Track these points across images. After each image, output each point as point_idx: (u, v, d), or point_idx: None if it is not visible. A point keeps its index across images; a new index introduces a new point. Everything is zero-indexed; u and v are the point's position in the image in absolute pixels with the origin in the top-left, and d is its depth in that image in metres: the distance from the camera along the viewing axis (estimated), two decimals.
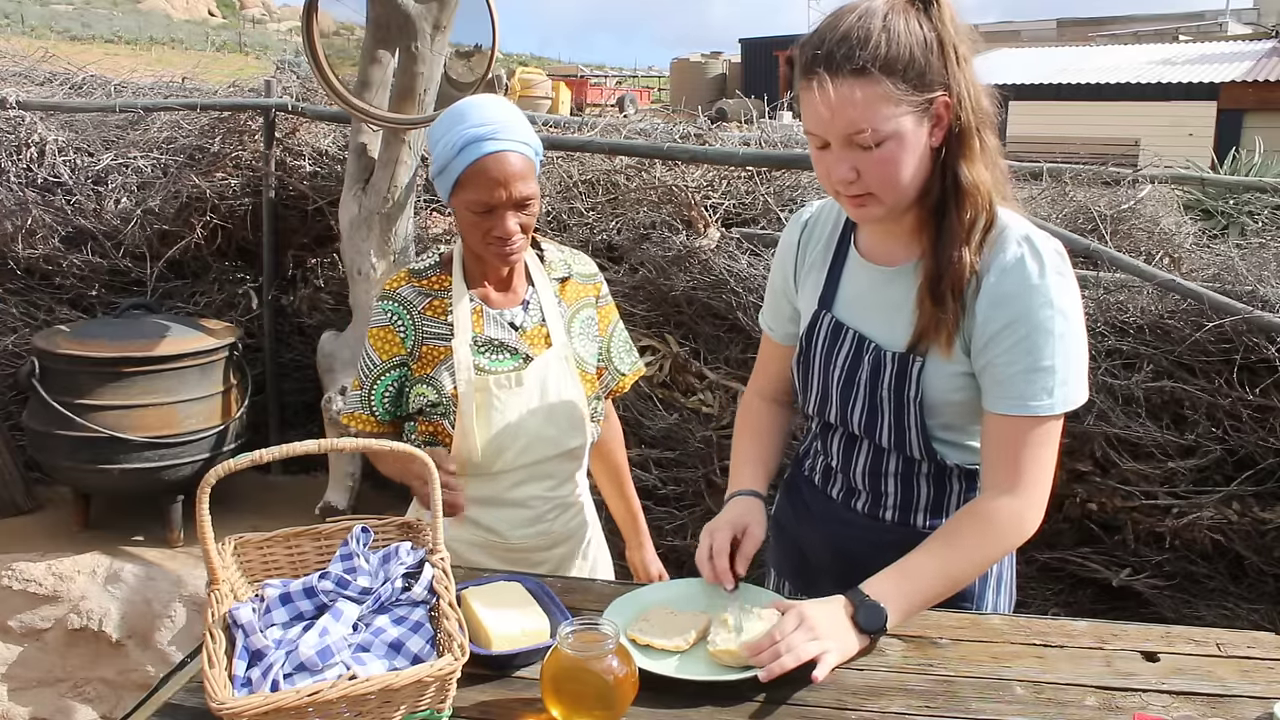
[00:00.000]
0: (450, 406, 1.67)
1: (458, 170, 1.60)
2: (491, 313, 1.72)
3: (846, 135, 1.29)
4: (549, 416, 1.72)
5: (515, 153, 1.61)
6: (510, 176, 1.60)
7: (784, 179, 3.40)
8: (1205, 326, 2.56)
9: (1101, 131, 12.95)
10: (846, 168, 1.31)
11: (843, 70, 1.26)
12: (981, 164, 1.33)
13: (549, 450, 1.73)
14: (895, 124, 1.28)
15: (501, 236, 1.63)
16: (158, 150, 3.87)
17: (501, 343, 1.71)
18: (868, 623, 1.30)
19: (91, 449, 3.19)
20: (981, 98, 1.33)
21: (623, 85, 32.34)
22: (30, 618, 3.14)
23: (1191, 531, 2.64)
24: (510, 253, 1.65)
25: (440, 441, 1.72)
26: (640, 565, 2.01)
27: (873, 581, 1.33)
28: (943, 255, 1.35)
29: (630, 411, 3.15)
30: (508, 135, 1.61)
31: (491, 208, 1.61)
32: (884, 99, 1.26)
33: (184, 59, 18.26)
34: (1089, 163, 3.87)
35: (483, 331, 1.71)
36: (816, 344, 1.51)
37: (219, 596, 1.22)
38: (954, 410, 1.42)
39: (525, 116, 1.70)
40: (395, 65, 3.12)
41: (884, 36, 1.26)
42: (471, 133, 1.59)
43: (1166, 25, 24.38)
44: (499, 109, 1.64)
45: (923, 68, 1.27)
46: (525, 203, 1.63)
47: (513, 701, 1.22)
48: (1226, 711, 1.21)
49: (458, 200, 1.64)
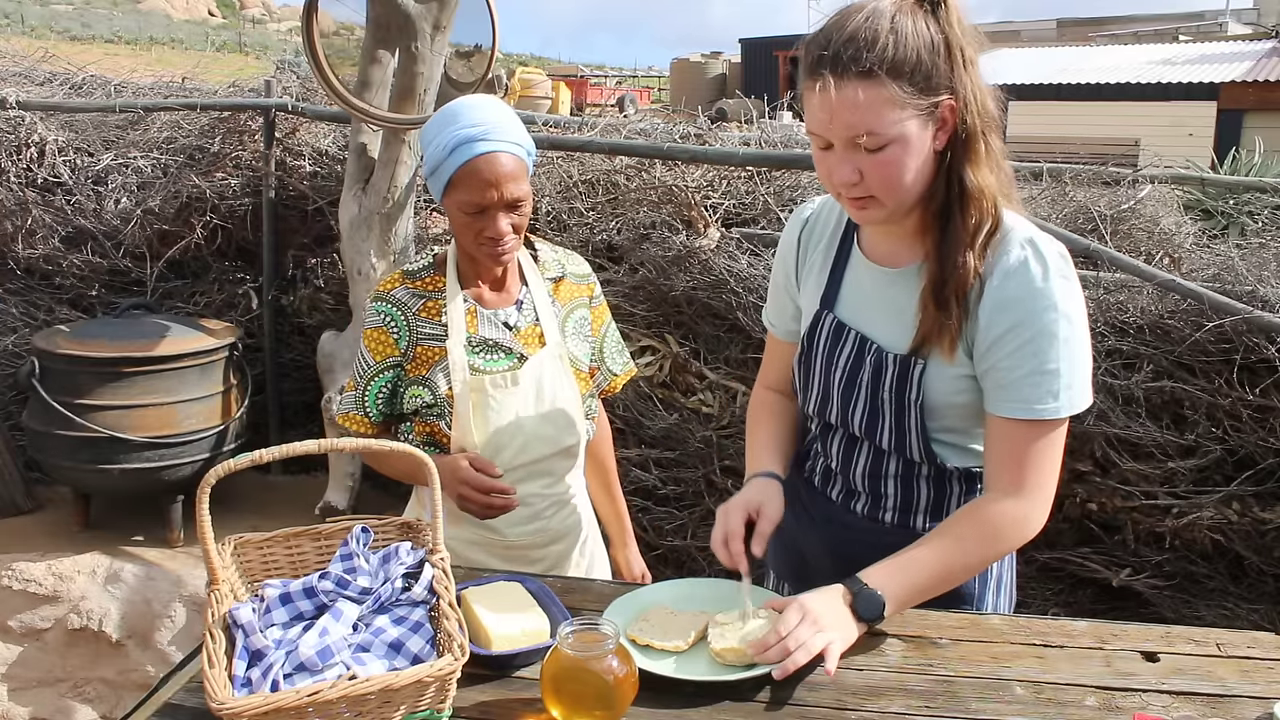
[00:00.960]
0: (446, 407, 1.68)
1: (449, 171, 1.60)
2: (485, 313, 1.73)
3: (849, 137, 1.28)
4: (545, 415, 1.72)
5: (507, 153, 1.61)
6: (502, 177, 1.60)
7: (784, 179, 3.40)
8: (1205, 326, 2.56)
9: (1101, 131, 12.94)
10: (849, 169, 1.30)
11: (848, 72, 1.25)
12: (987, 168, 1.32)
13: (546, 449, 1.74)
14: (899, 127, 1.27)
15: (493, 237, 1.63)
16: (158, 150, 3.87)
17: (496, 342, 1.71)
18: (865, 611, 1.30)
19: (91, 449, 3.19)
20: (987, 100, 1.32)
21: (623, 85, 32.34)
22: (30, 618, 3.14)
23: (1191, 531, 2.64)
24: (502, 253, 1.66)
25: (437, 442, 1.72)
26: (624, 564, 2.02)
27: (870, 571, 1.33)
28: (947, 260, 1.34)
29: (630, 411, 3.15)
30: (499, 136, 1.61)
31: (483, 208, 1.61)
32: (889, 102, 1.25)
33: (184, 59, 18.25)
34: (1089, 163, 3.87)
35: (477, 331, 1.71)
36: (818, 344, 1.51)
37: (219, 596, 1.22)
38: (955, 413, 1.41)
39: (518, 117, 1.70)
40: (395, 65, 3.12)
41: (891, 38, 1.25)
42: (463, 133, 1.59)
43: (1166, 25, 24.37)
44: (491, 109, 1.64)
45: (929, 71, 1.26)
46: (517, 203, 1.63)
47: (513, 701, 1.22)
48: (1226, 711, 1.21)
49: (450, 201, 1.64)
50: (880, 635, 1.35)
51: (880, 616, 1.31)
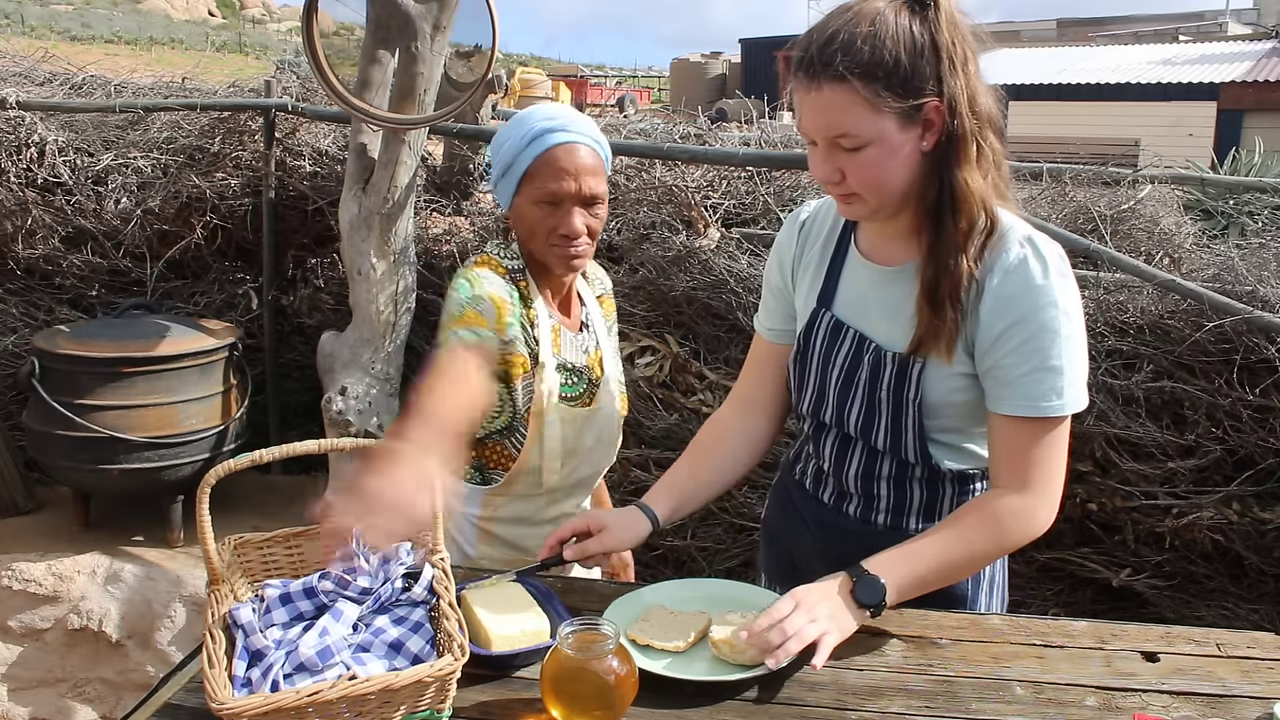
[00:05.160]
0: (522, 426, 1.62)
1: (526, 162, 1.54)
2: (568, 335, 1.68)
3: (828, 137, 1.29)
4: (599, 439, 1.71)
5: (587, 146, 1.56)
6: (581, 168, 1.55)
7: (784, 179, 3.40)
8: (1205, 327, 2.56)
9: (1101, 131, 12.94)
10: (830, 168, 1.32)
11: (824, 75, 1.26)
12: (979, 170, 1.32)
13: (591, 470, 1.74)
14: (876, 129, 1.27)
15: (568, 235, 1.56)
16: (158, 150, 3.86)
17: (574, 366, 1.67)
18: (866, 597, 1.30)
19: (91, 449, 3.19)
20: (981, 101, 1.31)
21: (623, 85, 32.37)
22: (30, 618, 3.14)
23: (1191, 532, 2.64)
24: (575, 255, 1.58)
25: (488, 465, 1.68)
26: (616, 562, 2.01)
27: (873, 560, 1.33)
28: (939, 261, 1.34)
29: (630, 411, 3.14)
30: (579, 129, 1.57)
31: (559, 199, 1.55)
32: (862, 105, 1.26)
33: (184, 59, 18.26)
34: (1089, 163, 3.87)
35: (560, 353, 1.65)
36: (815, 342, 1.51)
37: (219, 596, 1.22)
38: (953, 412, 1.41)
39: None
40: (395, 65, 3.12)
41: (869, 42, 1.25)
42: (541, 125, 1.55)
43: (1166, 25, 24.38)
44: (568, 109, 1.61)
45: (908, 73, 1.26)
46: (594, 200, 1.58)
47: (513, 701, 1.22)
48: (1226, 711, 1.21)
49: (523, 197, 1.57)
50: (880, 635, 1.35)
51: (881, 603, 1.30)
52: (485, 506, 1.71)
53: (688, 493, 1.57)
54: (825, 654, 1.23)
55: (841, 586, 1.31)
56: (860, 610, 1.30)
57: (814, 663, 1.22)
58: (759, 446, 1.63)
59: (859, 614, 1.30)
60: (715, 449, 1.62)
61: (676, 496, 1.56)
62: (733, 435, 1.63)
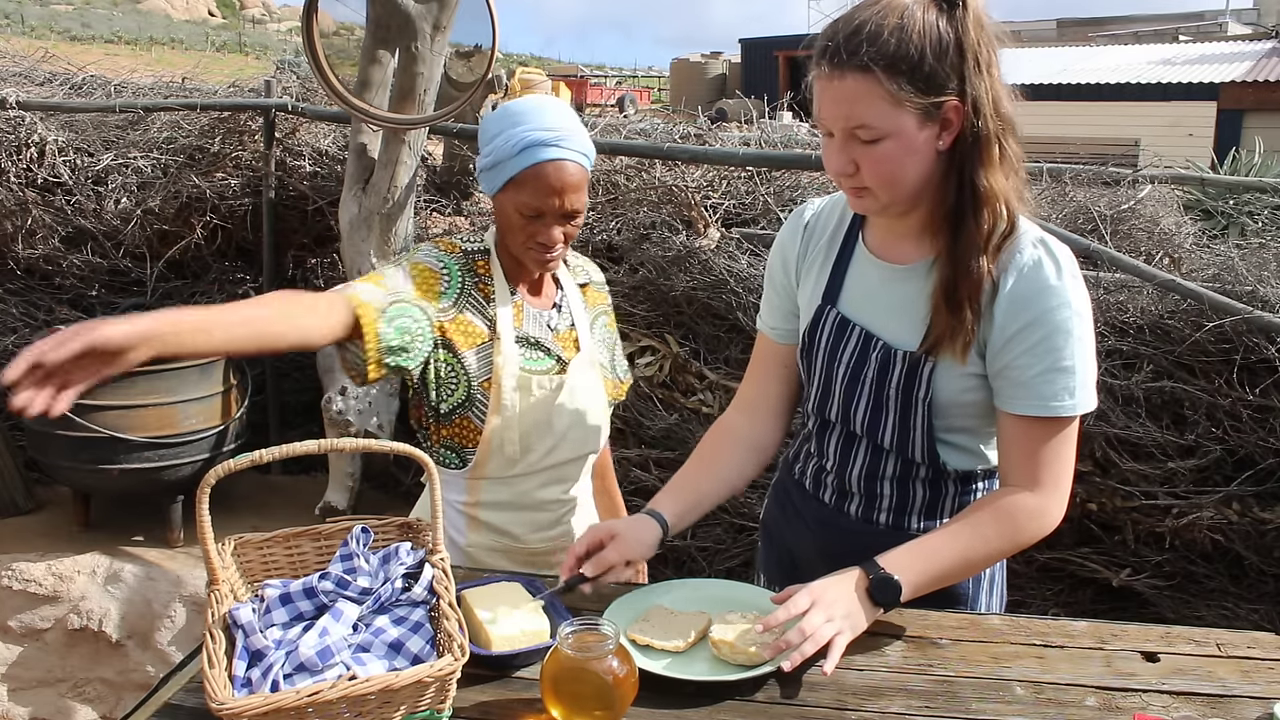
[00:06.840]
0: (480, 396, 1.65)
1: (514, 170, 1.57)
2: (531, 310, 1.72)
3: (846, 128, 1.29)
4: (576, 420, 1.72)
5: (575, 164, 1.59)
6: (567, 186, 1.58)
7: (784, 179, 3.40)
8: (1205, 327, 2.56)
9: (1101, 131, 12.93)
10: (845, 160, 1.31)
11: (847, 64, 1.26)
12: (1001, 172, 1.32)
13: (571, 453, 1.74)
14: (895, 123, 1.27)
15: (545, 244, 1.62)
16: (158, 150, 3.86)
17: (538, 341, 1.71)
18: (882, 597, 1.30)
19: (91, 449, 3.19)
20: (1005, 103, 1.31)
21: (623, 85, 32.37)
22: (30, 618, 3.14)
23: (1191, 532, 2.64)
24: (549, 260, 1.65)
25: (460, 444, 1.70)
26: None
27: (888, 556, 1.33)
28: (960, 262, 1.33)
29: (630, 411, 3.15)
30: (571, 145, 1.59)
31: (542, 214, 1.59)
32: (883, 97, 1.25)
33: (184, 59, 18.26)
34: (1089, 163, 3.87)
35: (522, 327, 1.70)
36: (820, 339, 1.50)
37: (219, 597, 1.22)
38: (963, 412, 1.41)
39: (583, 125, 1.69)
40: (395, 65, 3.12)
41: (896, 35, 1.24)
42: (536, 136, 1.56)
43: (1166, 25, 24.37)
44: (564, 115, 1.62)
45: (931, 70, 1.25)
46: (575, 214, 1.62)
47: (513, 702, 1.22)
48: (1226, 711, 1.21)
49: (506, 198, 1.61)
50: (880, 635, 1.35)
51: (896, 602, 1.30)
52: (469, 492, 1.72)
53: (695, 498, 1.56)
54: (837, 657, 1.23)
55: (858, 584, 1.31)
56: (874, 608, 1.31)
57: (825, 669, 1.22)
58: (766, 451, 1.63)
59: (873, 612, 1.31)
60: (722, 454, 1.61)
61: (684, 502, 1.54)
62: (740, 440, 1.62)
